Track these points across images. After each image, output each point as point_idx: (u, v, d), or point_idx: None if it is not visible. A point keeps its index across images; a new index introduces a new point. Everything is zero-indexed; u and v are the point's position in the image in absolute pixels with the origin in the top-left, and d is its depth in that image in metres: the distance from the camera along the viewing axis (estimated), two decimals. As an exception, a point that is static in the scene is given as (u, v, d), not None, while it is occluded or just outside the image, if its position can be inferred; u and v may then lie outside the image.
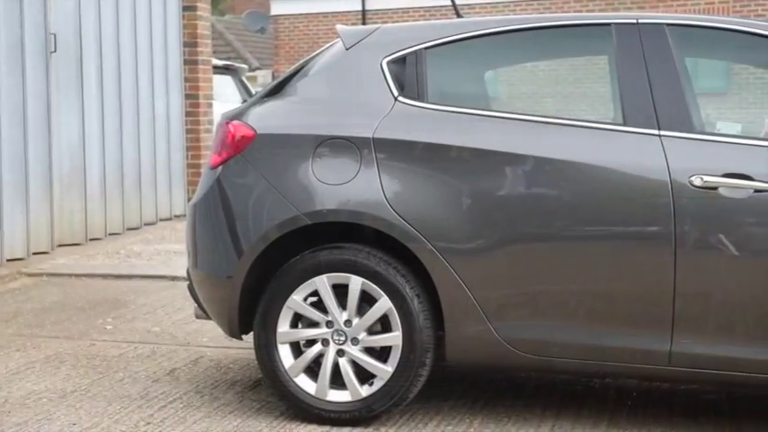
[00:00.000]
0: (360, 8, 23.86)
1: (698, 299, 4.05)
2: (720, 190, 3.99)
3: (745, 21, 4.38)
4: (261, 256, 4.44)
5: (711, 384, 4.66)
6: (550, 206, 4.19)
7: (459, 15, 4.99)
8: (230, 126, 4.60)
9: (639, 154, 4.13)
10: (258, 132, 4.53)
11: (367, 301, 4.36)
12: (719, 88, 18.16)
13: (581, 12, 20.76)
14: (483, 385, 5.00)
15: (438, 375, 4.93)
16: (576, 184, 4.17)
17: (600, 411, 4.60)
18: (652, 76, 4.20)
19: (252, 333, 4.55)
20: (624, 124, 4.21)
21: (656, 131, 4.13)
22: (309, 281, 4.38)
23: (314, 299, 4.43)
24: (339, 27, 4.77)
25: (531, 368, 4.42)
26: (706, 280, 4.04)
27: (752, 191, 3.96)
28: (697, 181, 4.01)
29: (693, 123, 4.16)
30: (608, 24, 4.38)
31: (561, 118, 4.34)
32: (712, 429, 4.36)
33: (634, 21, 4.32)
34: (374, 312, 4.33)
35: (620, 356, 4.16)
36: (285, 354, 4.44)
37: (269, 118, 4.60)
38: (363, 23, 22.81)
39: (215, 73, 13.06)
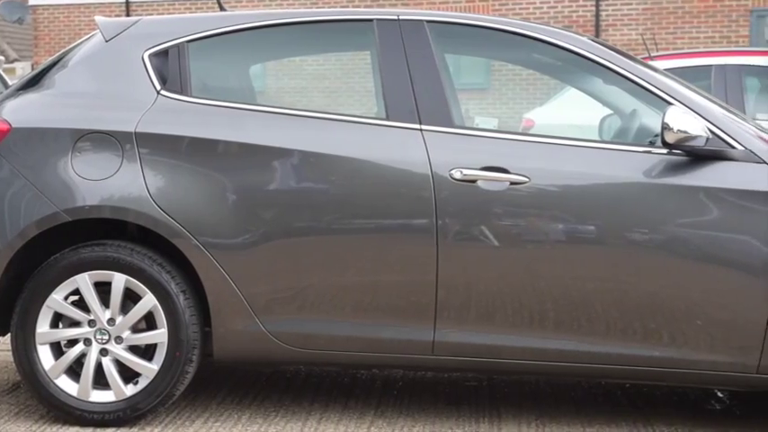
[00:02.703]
0: (124, -1, 23.31)
1: (460, 289, 4.16)
2: (479, 183, 4.12)
3: (503, 20, 4.53)
4: (18, 254, 4.28)
5: (473, 371, 4.80)
6: (317, 200, 4.21)
7: (222, 9, 4.95)
8: (-17, 119, 4.41)
9: (402, 148, 4.21)
10: (13, 126, 4.36)
11: (132, 298, 4.27)
12: (481, 84, 18.73)
13: (348, 7, 21.00)
14: (252, 380, 4.99)
15: (206, 372, 4.88)
16: (342, 178, 4.21)
17: (367, 402, 4.67)
18: (413, 71, 4.29)
19: (9, 334, 4.38)
20: (387, 119, 4.28)
21: (417, 126, 4.22)
22: (70, 279, 4.26)
23: (75, 297, 4.31)
24: (98, 18, 4.64)
25: (300, 362, 4.44)
26: (467, 271, 4.15)
27: (508, 183, 4.11)
28: (457, 174, 4.12)
29: (453, 118, 4.28)
30: (370, 20, 4.44)
31: (327, 112, 4.37)
32: (473, 415, 4.49)
33: (395, 17, 4.40)
34: (138, 310, 4.25)
35: (386, 347, 4.23)
36: (45, 355, 4.30)
37: (25, 111, 4.43)
38: (127, 15, 22.32)
39: (-31, 64, 12.49)
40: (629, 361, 4.13)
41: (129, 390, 4.27)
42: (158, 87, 4.39)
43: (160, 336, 4.24)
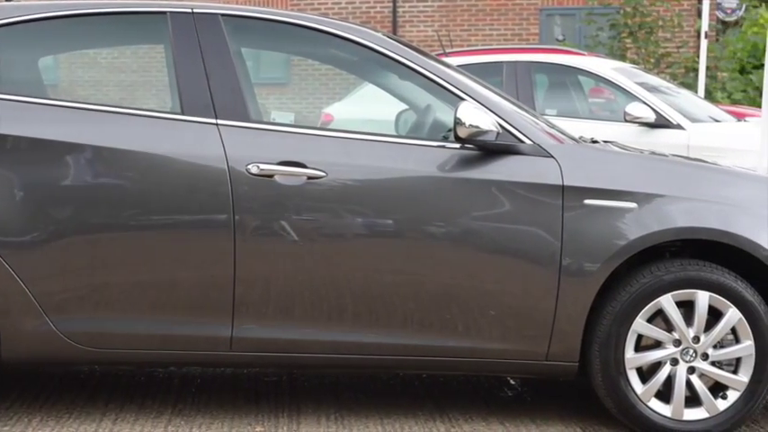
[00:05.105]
0: None
1: (258, 284, 4.14)
2: (276, 177, 4.11)
3: (300, 14, 4.54)
4: None
5: (273, 367, 4.80)
6: (112, 196, 4.13)
7: (8, -2, 4.77)
8: None
9: (198, 143, 4.16)
10: None
11: None
12: (280, 79, 18.70)
13: None
14: (43, 382, 4.83)
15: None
16: (137, 173, 4.14)
17: (164, 400, 4.60)
18: (208, 65, 4.25)
19: None
20: (182, 113, 4.22)
21: (213, 121, 4.18)
22: None
23: None
24: None
25: (95, 361, 4.34)
26: (266, 266, 4.14)
27: (305, 178, 4.11)
28: (254, 169, 4.10)
29: (250, 113, 4.26)
30: (163, 13, 4.36)
31: (122, 107, 4.29)
32: (272, 410, 4.49)
33: (189, 10, 4.34)
34: None
35: (184, 344, 4.19)
36: None
37: None
38: None
39: None
40: (426, 352, 4.20)
41: None
42: (-62, 79, 4.20)
43: (-57, 339, 4.06)
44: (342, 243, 4.16)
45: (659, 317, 4.16)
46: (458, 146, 4.18)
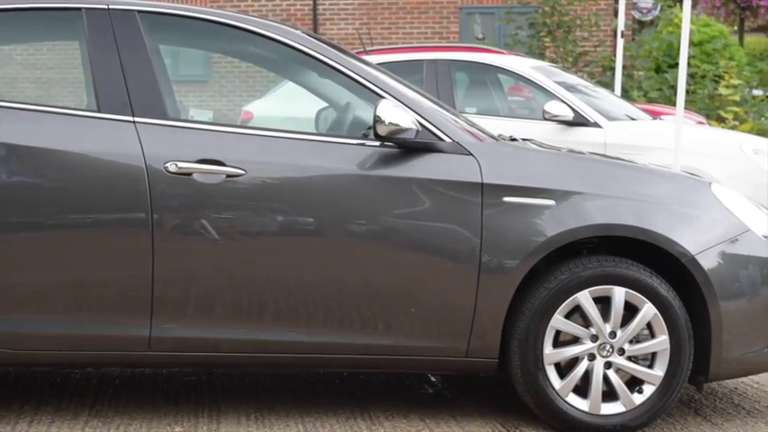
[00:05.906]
0: None
1: (178, 284, 4.11)
2: (195, 176, 4.08)
3: (218, 11, 4.51)
4: None
5: (192, 366, 4.76)
6: (28, 195, 4.07)
7: None
8: None
9: (115, 141, 4.12)
10: None
11: None
12: (200, 76, 18.57)
13: None
14: (-43, 385, 4.75)
15: None
16: (54, 172, 4.08)
17: (81, 402, 4.53)
18: (125, 62, 4.20)
19: None
20: (99, 111, 4.17)
21: (130, 118, 4.13)
22: None
23: None
24: None
25: (10, 363, 4.27)
26: (185, 265, 4.11)
27: (224, 176, 4.08)
28: (172, 167, 4.06)
29: (167, 110, 4.22)
30: (78, 9, 4.30)
31: (37, 104, 4.22)
32: (192, 410, 4.45)
33: (105, 6, 4.28)
34: None
35: (101, 344, 4.14)
36: None
37: None
38: None
39: None
40: (347, 350, 4.20)
41: None
42: None
43: None
44: (262, 241, 4.14)
45: (577, 313, 4.21)
46: (378, 144, 4.18)
